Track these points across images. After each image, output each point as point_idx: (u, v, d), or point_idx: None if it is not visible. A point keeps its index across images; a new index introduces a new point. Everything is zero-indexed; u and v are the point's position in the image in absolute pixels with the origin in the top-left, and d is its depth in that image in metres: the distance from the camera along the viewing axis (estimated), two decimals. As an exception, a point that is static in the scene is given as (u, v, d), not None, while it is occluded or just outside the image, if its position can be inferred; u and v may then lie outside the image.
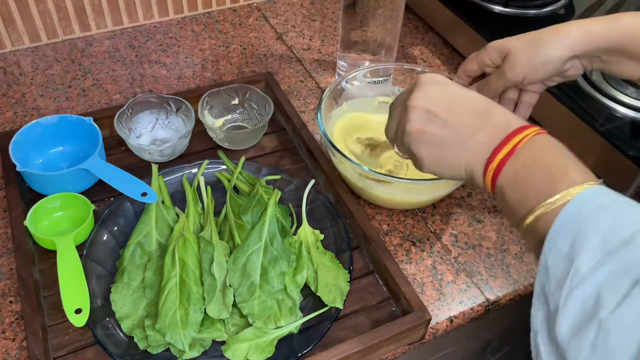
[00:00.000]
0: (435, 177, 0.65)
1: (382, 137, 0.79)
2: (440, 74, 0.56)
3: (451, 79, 0.57)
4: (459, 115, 0.51)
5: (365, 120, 0.80)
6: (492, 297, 0.66)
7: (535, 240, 0.46)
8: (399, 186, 0.67)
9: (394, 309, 0.64)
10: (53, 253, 0.64)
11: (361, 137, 0.77)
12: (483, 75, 0.69)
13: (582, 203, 0.43)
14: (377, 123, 0.79)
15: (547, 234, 0.43)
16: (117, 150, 0.79)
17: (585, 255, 0.40)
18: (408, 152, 0.56)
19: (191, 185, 0.71)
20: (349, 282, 0.63)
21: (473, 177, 0.51)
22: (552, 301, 0.42)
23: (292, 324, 0.60)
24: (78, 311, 0.57)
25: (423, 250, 0.70)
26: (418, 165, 0.55)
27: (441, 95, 0.53)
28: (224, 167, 0.74)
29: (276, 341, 0.58)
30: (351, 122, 0.79)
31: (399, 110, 0.56)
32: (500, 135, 0.49)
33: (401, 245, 0.70)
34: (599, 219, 0.42)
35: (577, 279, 0.40)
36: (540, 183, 0.46)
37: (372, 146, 0.77)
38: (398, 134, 0.56)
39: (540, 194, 0.45)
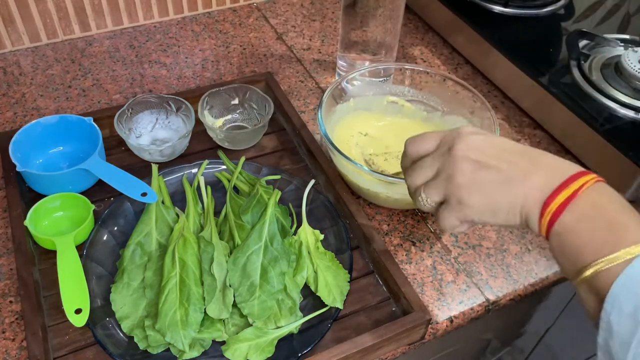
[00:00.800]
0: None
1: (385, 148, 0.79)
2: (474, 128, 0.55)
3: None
4: (509, 161, 0.50)
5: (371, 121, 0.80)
6: (492, 297, 0.66)
7: (591, 293, 0.44)
8: (400, 186, 0.67)
9: (394, 309, 0.64)
10: (53, 253, 0.64)
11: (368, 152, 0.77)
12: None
13: None
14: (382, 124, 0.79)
15: (604, 289, 0.42)
16: (117, 150, 0.79)
17: None
18: (451, 202, 0.53)
19: (191, 185, 0.71)
20: (349, 282, 0.63)
21: (528, 220, 0.49)
22: (617, 358, 0.41)
23: (292, 324, 0.60)
24: (78, 311, 0.57)
25: (423, 250, 0.70)
26: (463, 213, 0.52)
27: (485, 144, 0.51)
28: (224, 167, 0.74)
29: (276, 341, 0.58)
30: (356, 119, 0.79)
31: (437, 161, 0.53)
32: (559, 178, 0.47)
33: (401, 245, 0.70)
34: None
35: None
36: (602, 235, 0.44)
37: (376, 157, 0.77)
38: (436, 185, 0.53)
39: (601, 247, 0.44)
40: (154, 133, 0.80)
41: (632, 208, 0.46)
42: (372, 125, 0.80)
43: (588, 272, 0.44)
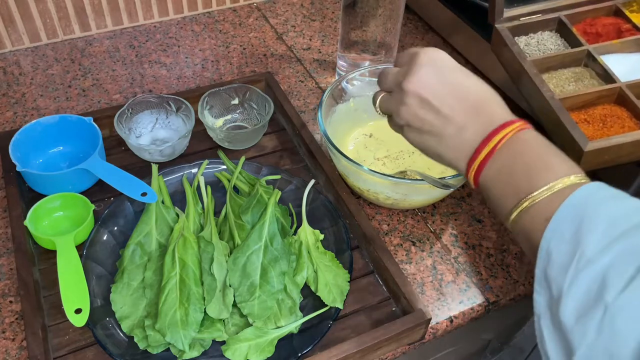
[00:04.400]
0: (435, 177, 0.65)
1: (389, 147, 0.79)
2: (441, 51, 0.55)
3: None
4: (451, 108, 0.52)
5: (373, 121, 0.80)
6: (492, 297, 0.66)
7: (522, 232, 0.47)
8: (400, 186, 0.67)
9: (394, 309, 0.64)
10: (53, 253, 0.64)
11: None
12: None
13: (588, 193, 0.44)
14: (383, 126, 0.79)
15: (533, 225, 0.45)
16: (117, 150, 0.79)
17: (592, 240, 0.41)
18: (397, 127, 0.57)
19: (191, 185, 0.71)
20: (349, 282, 0.63)
21: (460, 172, 0.53)
22: (555, 285, 0.43)
23: (292, 324, 0.60)
24: (78, 311, 0.57)
25: (423, 250, 0.70)
26: (406, 138, 0.57)
27: (437, 82, 0.52)
28: (224, 167, 0.74)
29: (276, 341, 0.58)
30: (357, 119, 0.79)
31: (395, 86, 0.55)
32: (483, 134, 0.50)
33: (401, 245, 0.70)
34: (605, 206, 0.43)
35: (583, 263, 0.41)
36: (522, 180, 0.47)
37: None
38: (387, 103, 0.57)
39: (522, 190, 0.47)
40: (154, 133, 0.80)
41: (555, 147, 0.49)
42: (372, 125, 0.80)
43: (514, 214, 0.47)
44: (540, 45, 0.77)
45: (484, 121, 0.51)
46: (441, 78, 0.53)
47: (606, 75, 0.70)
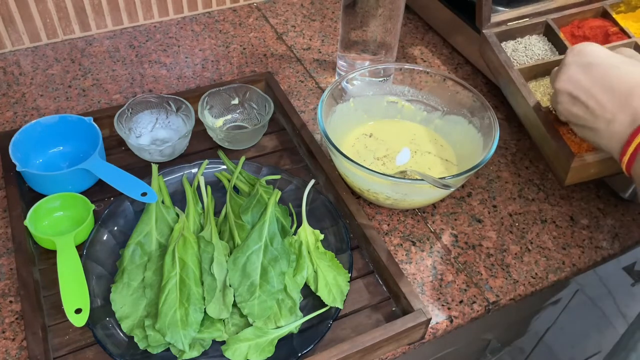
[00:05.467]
0: (435, 177, 0.65)
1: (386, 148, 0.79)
2: (588, 43, 0.58)
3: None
4: (598, 102, 0.54)
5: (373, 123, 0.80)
6: (492, 297, 0.66)
7: None
8: (400, 186, 0.67)
9: (394, 309, 0.64)
10: (53, 253, 0.64)
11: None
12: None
13: None
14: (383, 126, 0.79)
15: None
16: (117, 150, 0.79)
17: None
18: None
19: (191, 185, 0.71)
20: (349, 282, 0.63)
21: (613, 155, 0.55)
22: None
23: (292, 324, 0.60)
24: (78, 311, 0.57)
25: (423, 250, 0.70)
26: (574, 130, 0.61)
27: (583, 78, 0.55)
28: (224, 167, 0.74)
29: (276, 341, 0.58)
30: (357, 119, 0.80)
31: (553, 86, 0.60)
32: (631, 127, 0.51)
33: (401, 245, 0.70)
34: None
35: None
36: None
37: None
38: (552, 100, 0.62)
39: None
40: (154, 133, 0.80)
41: None
42: (372, 125, 0.80)
43: None
44: (527, 50, 0.77)
45: (632, 113, 0.52)
46: (587, 74, 0.55)
47: None
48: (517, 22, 0.78)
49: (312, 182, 0.70)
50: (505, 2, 0.95)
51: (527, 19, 0.78)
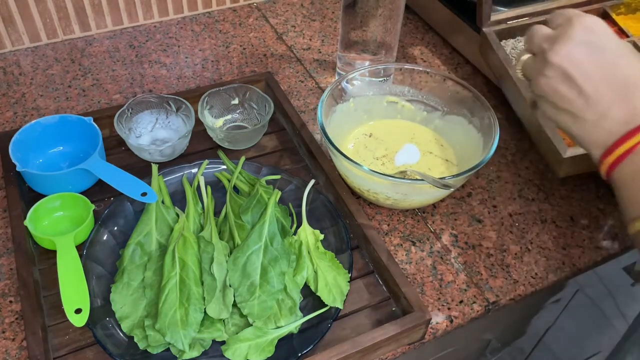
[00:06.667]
0: (435, 177, 0.65)
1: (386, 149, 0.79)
2: (599, 21, 0.49)
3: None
4: (595, 89, 0.47)
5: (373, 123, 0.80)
6: (492, 297, 0.66)
7: None
8: (400, 186, 0.67)
9: (394, 309, 0.64)
10: (53, 253, 0.64)
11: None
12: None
13: None
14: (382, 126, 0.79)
15: None
16: (117, 150, 0.79)
17: None
18: (535, 96, 0.53)
19: (191, 185, 0.71)
20: (349, 282, 0.63)
21: (590, 154, 0.49)
22: None
23: (292, 324, 0.60)
24: (78, 311, 0.57)
25: (423, 250, 0.70)
26: (539, 113, 0.53)
27: (586, 59, 0.48)
28: (224, 167, 0.74)
29: (276, 341, 0.58)
30: (357, 119, 0.79)
31: (540, 53, 0.51)
32: (626, 127, 0.46)
33: (401, 245, 0.70)
34: None
35: None
36: None
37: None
38: (529, 67, 0.52)
39: None
40: (154, 133, 0.80)
41: None
42: (372, 125, 0.80)
43: (636, 227, 0.45)
44: None
45: (630, 112, 0.46)
46: (593, 56, 0.48)
47: None
48: (517, 20, 0.78)
49: (312, 182, 0.70)
50: (506, 2, 0.95)
51: (527, 18, 0.78)
